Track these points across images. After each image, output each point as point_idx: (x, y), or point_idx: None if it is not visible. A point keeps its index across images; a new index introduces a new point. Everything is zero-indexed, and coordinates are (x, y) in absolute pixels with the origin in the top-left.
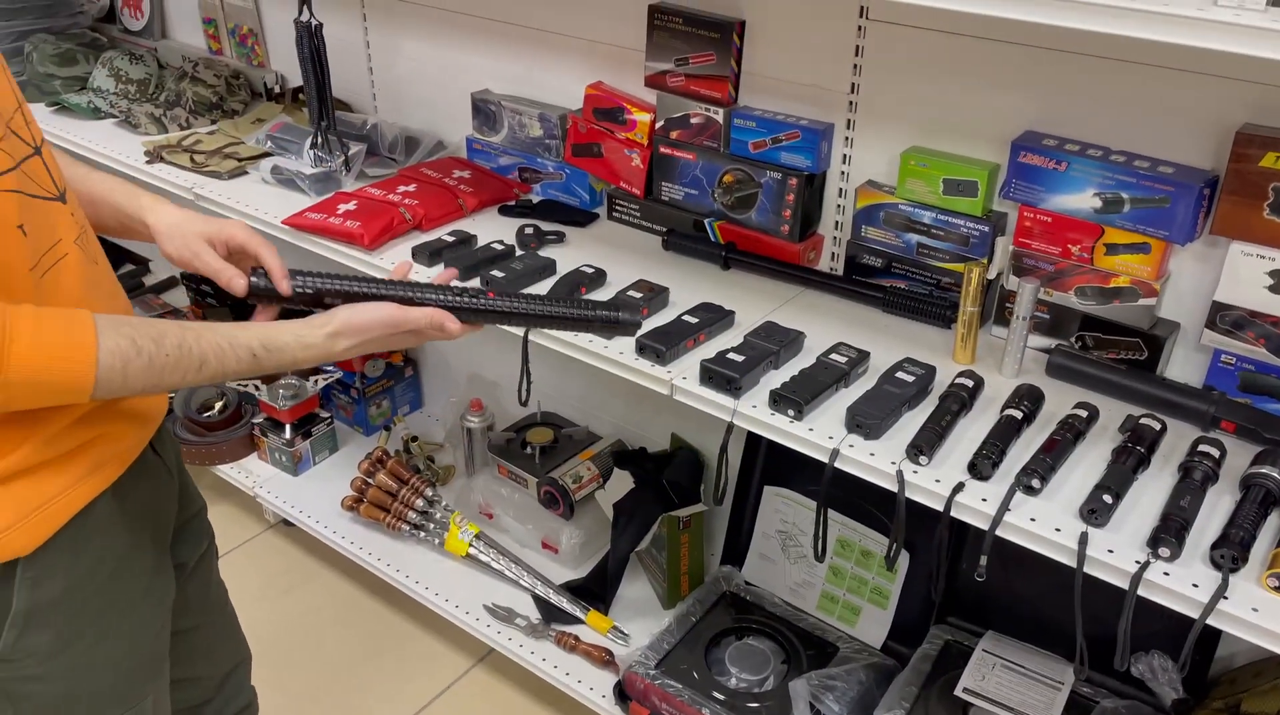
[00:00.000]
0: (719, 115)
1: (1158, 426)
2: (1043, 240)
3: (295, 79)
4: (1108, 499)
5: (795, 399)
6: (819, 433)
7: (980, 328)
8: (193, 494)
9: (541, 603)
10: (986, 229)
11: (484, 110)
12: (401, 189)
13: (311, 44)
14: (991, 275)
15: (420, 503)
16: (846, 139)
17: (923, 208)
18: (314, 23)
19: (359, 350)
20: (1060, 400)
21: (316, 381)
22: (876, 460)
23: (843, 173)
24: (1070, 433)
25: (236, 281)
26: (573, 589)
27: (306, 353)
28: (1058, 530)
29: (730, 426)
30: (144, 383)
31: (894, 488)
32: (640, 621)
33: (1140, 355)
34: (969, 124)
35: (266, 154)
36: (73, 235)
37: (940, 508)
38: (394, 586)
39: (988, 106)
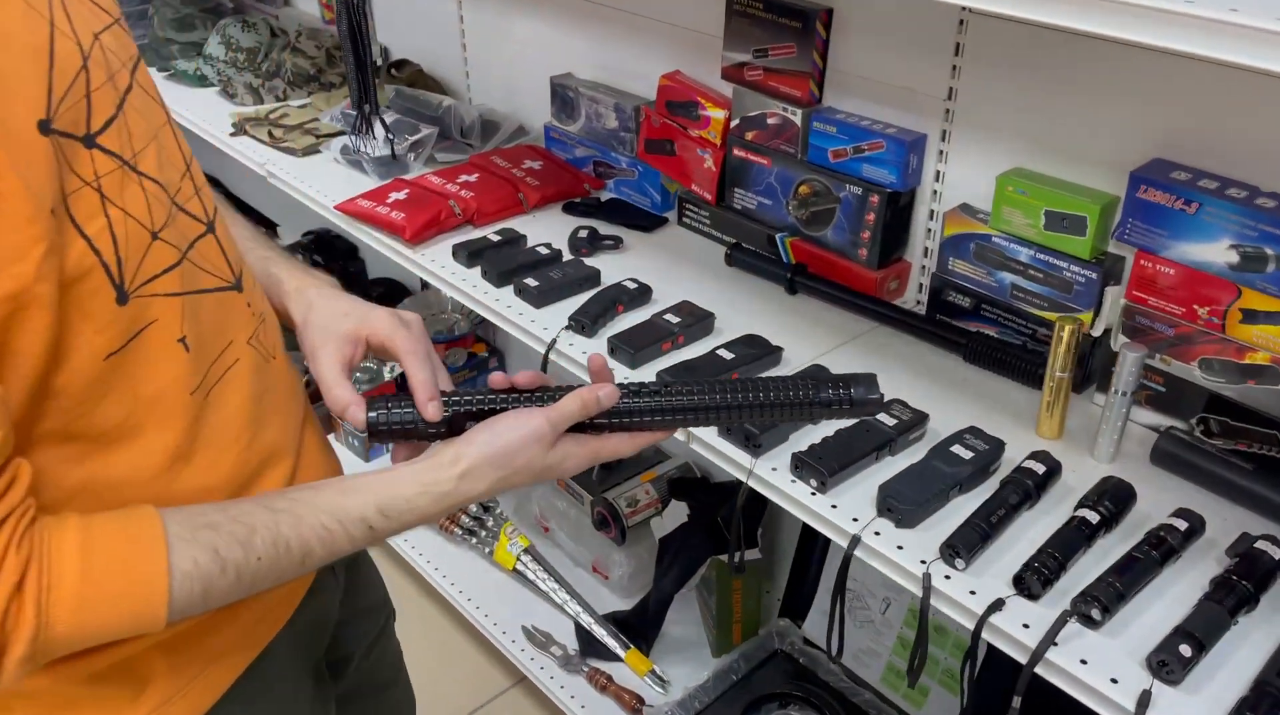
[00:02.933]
0: (797, 117)
1: (1279, 555)
2: (1163, 296)
3: (399, 51)
4: (1186, 650)
5: (819, 467)
6: (843, 511)
7: (1080, 393)
8: (364, 583)
9: (582, 632)
10: (1094, 275)
11: (562, 96)
12: (463, 178)
13: (351, 19)
14: (1097, 332)
15: (474, 507)
16: (941, 153)
17: (1020, 243)
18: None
19: (503, 487)
20: (1160, 499)
21: (394, 367)
22: (904, 556)
23: (935, 192)
24: (1158, 550)
25: (354, 413)
26: (617, 621)
27: (436, 506)
28: (1114, 681)
29: (742, 487)
30: (236, 595)
31: (918, 591)
32: (684, 666)
33: (1276, 452)
34: (1083, 144)
35: (342, 132)
36: (247, 333)
37: (970, 625)
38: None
39: (1108, 123)
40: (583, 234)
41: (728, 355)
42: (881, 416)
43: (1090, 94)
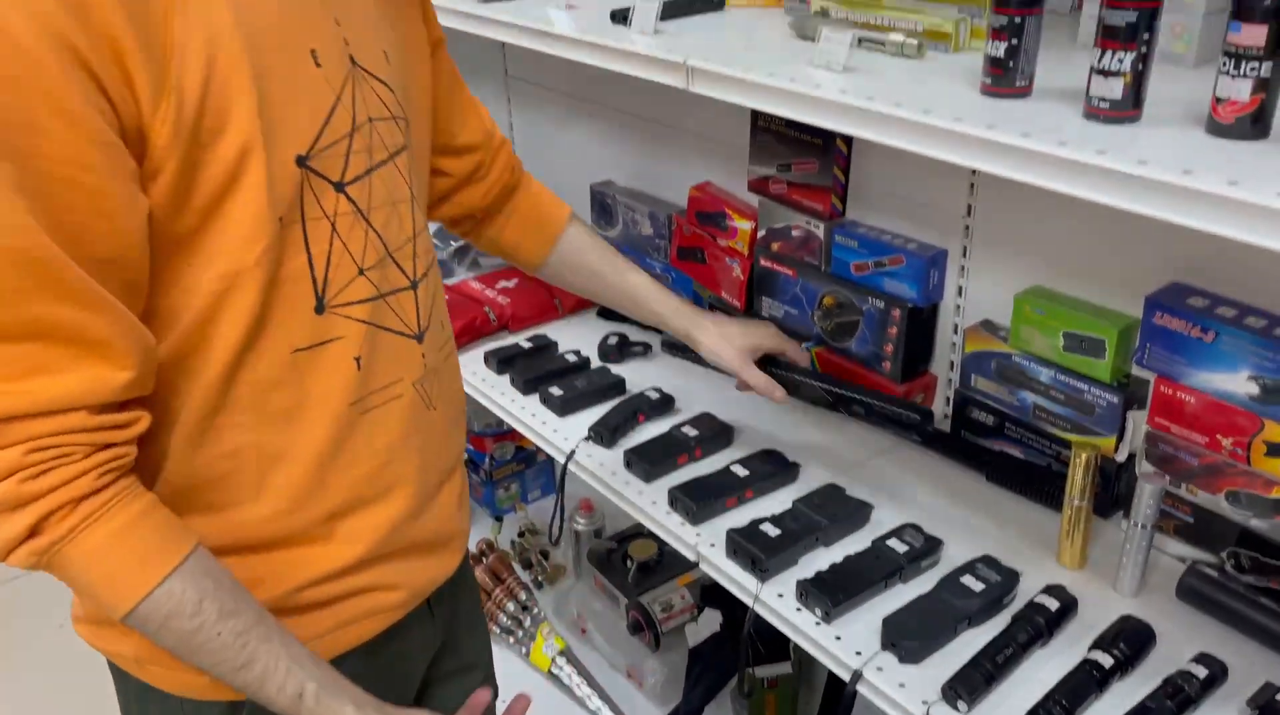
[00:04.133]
0: (820, 230)
1: None
2: (1186, 424)
3: None
4: None
5: (825, 597)
6: (847, 643)
7: (1107, 518)
8: (465, 637)
9: None
10: (1116, 399)
11: (601, 202)
12: (501, 284)
13: None
14: (1121, 457)
15: (512, 606)
16: (962, 268)
17: (1040, 363)
18: None
19: None
20: (1183, 638)
21: None
22: (905, 695)
23: (958, 306)
24: (1174, 699)
25: (775, 393)
26: None
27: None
28: None
29: (748, 613)
30: (174, 643)
31: None
32: None
33: None
34: (1102, 265)
35: None
36: (415, 376)
37: None
38: None
39: (1125, 245)
40: (612, 341)
41: (742, 472)
42: (893, 542)
43: (1107, 216)
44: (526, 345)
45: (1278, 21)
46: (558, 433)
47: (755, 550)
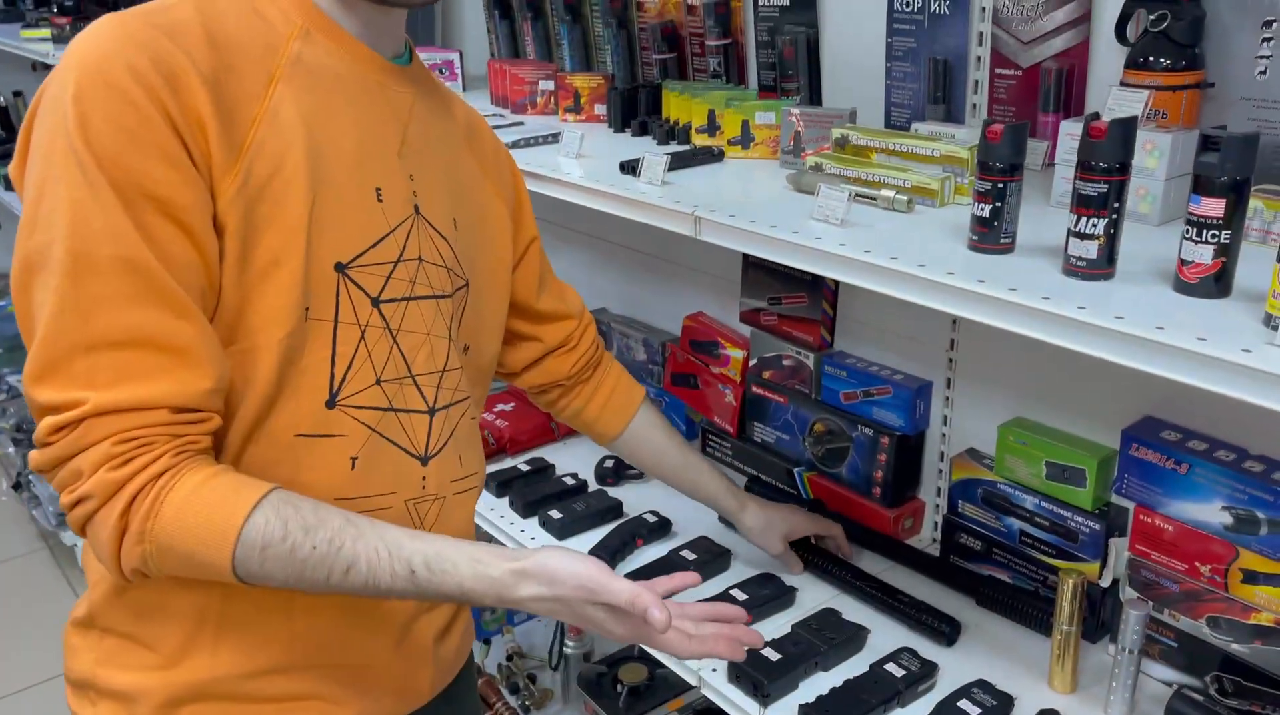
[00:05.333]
0: (810, 360)
1: None
2: (1165, 551)
3: None
4: None
5: None
6: None
7: (1094, 642)
8: None
9: None
10: (1098, 526)
11: (597, 330)
12: (499, 407)
13: None
14: (1105, 582)
15: None
16: (947, 398)
17: (1025, 491)
18: None
19: (545, 607)
20: None
21: None
22: None
23: (943, 435)
24: None
25: (795, 568)
26: None
27: (478, 584)
28: None
29: None
30: (283, 573)
31: None
32: None
33: None
34: (1079, 398)
35: None
36: (410, 495)
37: None
38: None
39: (1101, 381)
40: (608, 463)
41: (740, 596)
42: (891, 666)
43: (1084, 355)
44: (525, 468)
45: (1233, 194)
46: None
47: (757, 675)
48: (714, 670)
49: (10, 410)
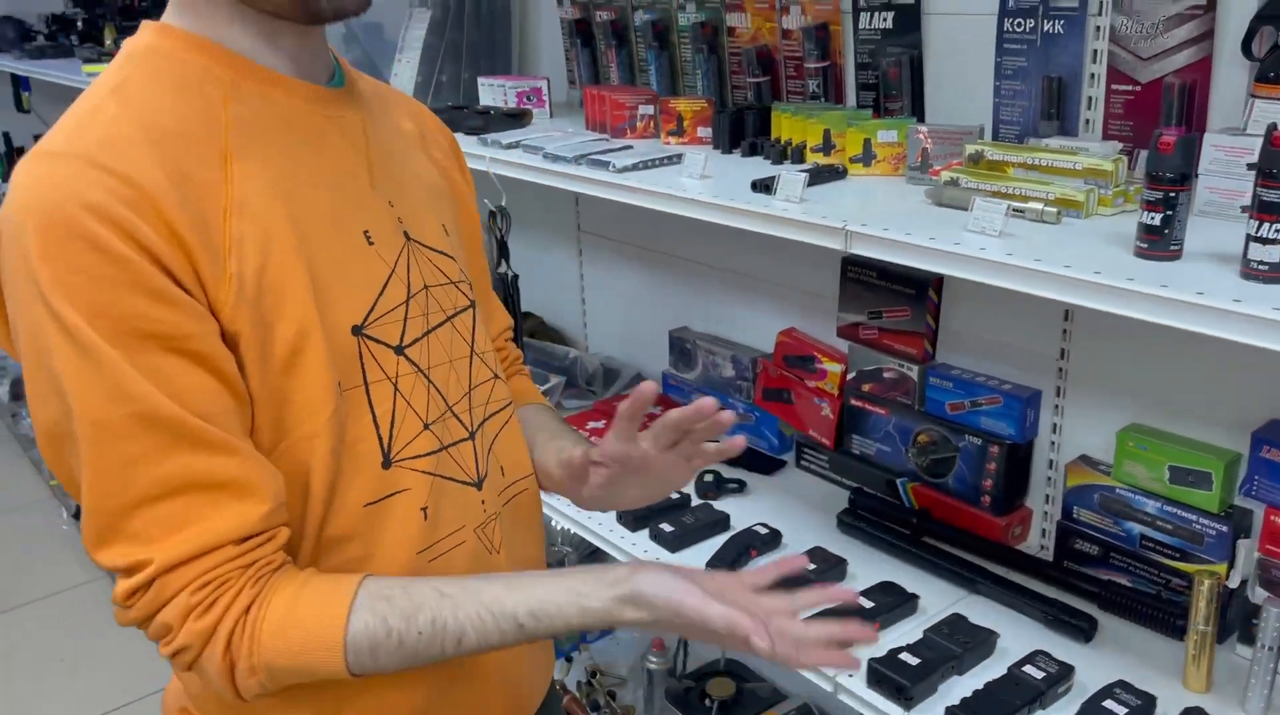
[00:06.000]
0: (913, 372)
1: None
2: None
3: (523, 304)
4: None
5: None
6: None
7: (1221, 643)
8: None
9: None
10: (1225, 528)
11: (680, 347)
12: (591, 425)
13: (506, 293)
14: (1233, 584)
15: None
16: (1056, 407)
17: (1145, 495)
18: (510, 275)
19: (650, 627)
20: None
21: None
22: None
23: (1052, 443)
24: None
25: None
26: None
27: (585, 620)
28: None
29: None
30: (398, 662)
31: None
32: None
33: None
34: (1202, 404)
35: None
36: (476, 522)
37: None
38: None
39: (1225, 384)
40: (708, 478)
41: (867, 603)
42: (1029, 668)
43: (1205, 357)
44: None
45: None
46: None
47: (900, 678)
48: (849, 675)
49: None
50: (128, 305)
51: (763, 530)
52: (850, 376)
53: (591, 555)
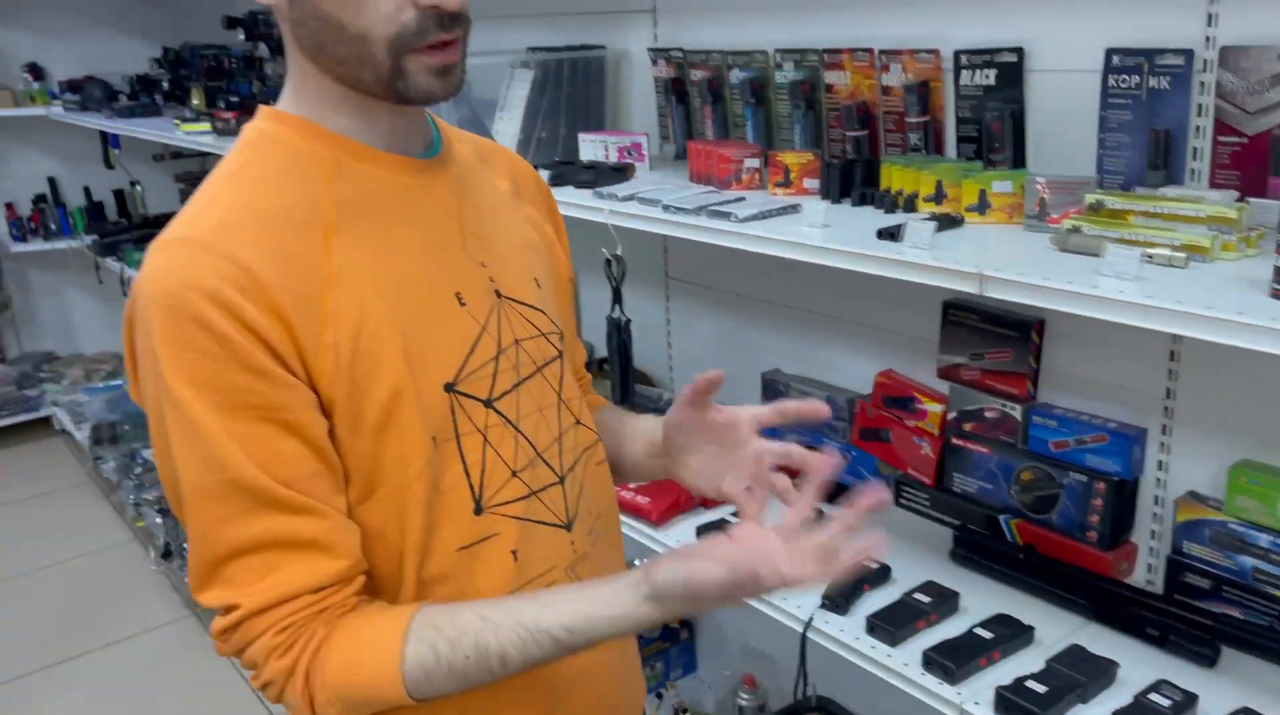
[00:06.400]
0: (1016, 411)
1: None
2: None
3: (600, 351)
4: None
5: None
6: None
7: None
8: None
9: None
10: None
11: (773, 389)
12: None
13: (619, 338)
14: None
15: None
16: (1162, 445)
17: (1258, 530)
18: (624, 319)
19: (681, 615)
20: None
21: None
22: None
23: (1158, 480)
24: None
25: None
26: None
27: (615, 627)
28: None
29: None
30: (454, 685)
31: None
32: None
33: None
34: None
35: None
36: (566, 562)
37: None
38: None
39: None
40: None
41: (986, 634)
42: (1155, 696)
43: None
44: (734, 517)
45: None
46: (788, 601)
47: (1031, 706)
48: (976, 704)
49: (152, 483)
50: (229, 379)
51: (873, 565)
52: (951, 416)
53: None
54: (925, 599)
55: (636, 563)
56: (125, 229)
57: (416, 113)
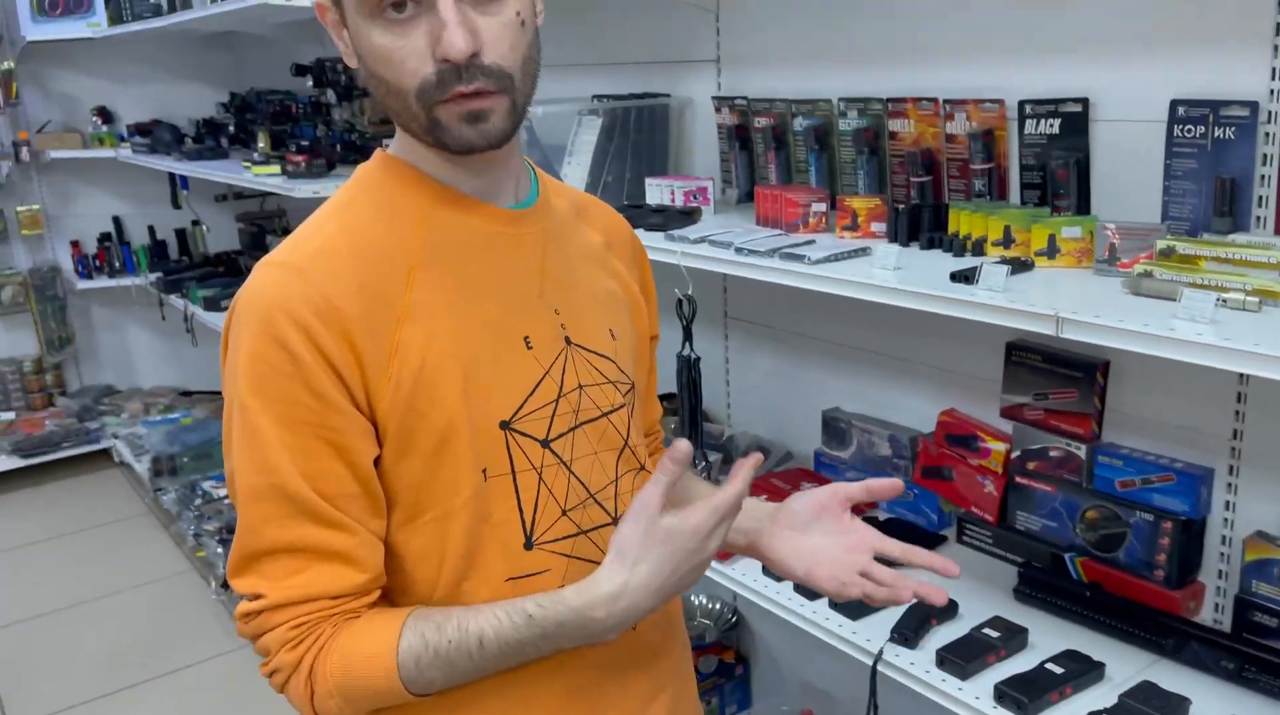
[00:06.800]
0: (1081, 451)
1: None
2: None
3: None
4: None
5: None
6: None
7: None
8: None
9: None
10: None
11: (834, 427)
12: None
13: (689, 375)
14: None
15: None
16: (1229, 485)
17: None
18: (693, 357)
19: (659, 583)
20: None
21: None
22: None
23: (1225, 519)
24: None
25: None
26: None
27: (582, 597)
28: None
29: None
30: (441, 675)
31: None
32: None
33: None
34: None
35: None
36: None
37: None
38: None
39: None
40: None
41: (1057, 669)
42: None
43: None
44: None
45: None
46: (857, 634)
47: None
48: None
49: (211, 514)
50: (293, 396)
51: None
52: (1015, 455)
53: (733, 627)
54: (994, 634)
55: (694, 601)
56: (187, 267)
57: (504, 164)
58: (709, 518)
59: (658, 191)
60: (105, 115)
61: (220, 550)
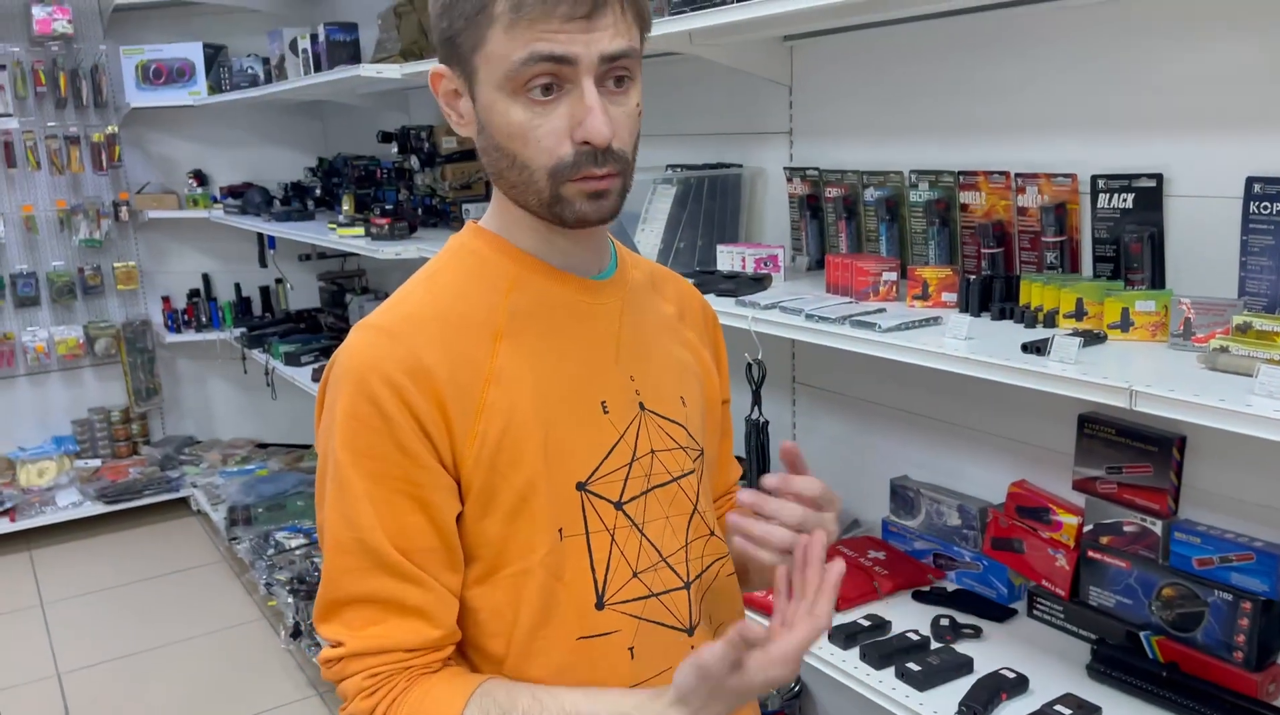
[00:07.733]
0: (1157, 527)
1: None
2: None
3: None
4: None
5: None
6: None
7: None
8: None
9: None
10: None
11: (902, 495)
12: None
13: (758, 439)
14: None
15: None
16: None
17: None
18: (762, 420)
19: (714, 698)
20: None
21: None
22: None
23: None
24: None
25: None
26: None
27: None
28: None
29: None
30: None
31: None
32: None
33: None
34: None
35: None
36: None
37: None
38: None
39: None
40: (944, 622)
41: None
42: None
43: None
44: (865, 622)
45: None
46: (924, 706)
47: None
48: None
49: (283, 564)
50: (382, 452)
51: (1010, 674)
52: (1087, 529)
53: (796, 695)
54: (1066, 711)
55: None
56: (271, 323)
57: (592, 237)
58: (771, 670)
59: (729, 258)
60: (200, 178)
61: (290, 600)
